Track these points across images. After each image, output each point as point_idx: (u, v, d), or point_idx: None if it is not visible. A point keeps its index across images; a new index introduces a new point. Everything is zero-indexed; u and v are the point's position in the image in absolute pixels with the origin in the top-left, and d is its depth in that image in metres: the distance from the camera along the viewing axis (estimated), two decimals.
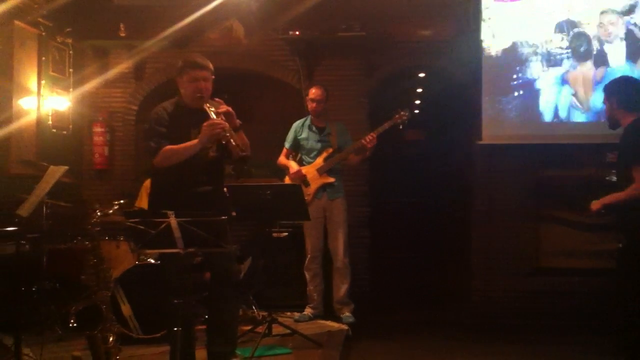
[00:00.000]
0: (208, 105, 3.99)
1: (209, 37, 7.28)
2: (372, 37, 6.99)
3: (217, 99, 4.10)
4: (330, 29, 6.99)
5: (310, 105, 6.15)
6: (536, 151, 6.82)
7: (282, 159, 6.28)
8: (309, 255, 6.06)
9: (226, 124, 3.88)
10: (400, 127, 5.99)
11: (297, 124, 6.28)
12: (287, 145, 6.29)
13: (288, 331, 5.26)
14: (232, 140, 3.87)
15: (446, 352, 5.66)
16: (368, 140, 5.82)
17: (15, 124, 6.01)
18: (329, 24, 7.01)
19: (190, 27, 6.93)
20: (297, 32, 7.00)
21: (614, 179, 4.62)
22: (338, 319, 5.97)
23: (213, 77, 4.13)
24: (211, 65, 4.11)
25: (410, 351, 5.68)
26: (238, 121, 4.07)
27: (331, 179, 6.01)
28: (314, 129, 6.16)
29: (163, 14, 7.01)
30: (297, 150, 6.28)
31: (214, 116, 3.91)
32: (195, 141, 3.92)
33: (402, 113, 5.94)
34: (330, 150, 6.05)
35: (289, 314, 6.11)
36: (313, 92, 6.13)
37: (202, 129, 3.87)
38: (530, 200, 6.94)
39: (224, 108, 3.99)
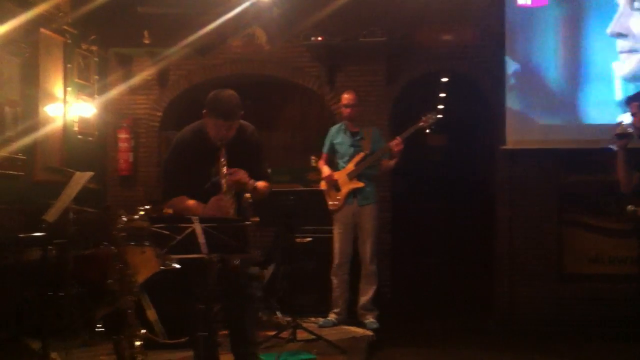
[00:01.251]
0: (224, 158, 3.85)
1: (232, 45, 7.34)
2: (394, 43, 6.99)
3: (234, 171, 3.87)
4: (352, 35, 7.00)
5: (345, 111, 6.16)
6: (560, 156, 6.77)
7: (320, 163, 6.34)
8: (336, 261, 6.05)
9: (230, 207, 3.83)
10: (427, 130, 5.98)
11: (333, 129, 6.31)
12: (323, 150, 6.33)
13: (312, 337, 5.25)
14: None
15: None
16: (394, 144, 5.82)
17: (42, 131, 6.08)
18: (350, 30, 7.02)
19: (213, 34, 6.98)
20: (319, 38, 7.02)
21: (616, 148, 4.63)
22: (362, 325, 5.96)
23: (240, 120, 3.95)
24: (240, 110, 3.88)
25: (434, 358, 5.65)
26: (251, 183, 3.95)
27: (360, 184, 6.00)
28: (347, 133, 6.17)
29: (186, 22, 7.06)
30: (333, 154, 6.29)
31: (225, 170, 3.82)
32: (200, 208, 3.86)
33: (428, 115, 5.95)
34: (362, 155, 6.05)
35: (312, 319, 6.10)
36: (346, 98, 6.15)
37: (210, 202, 3.82)
38: (554, 205, 6.88)
39: (236, 177, 3.87)
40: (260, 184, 4.03)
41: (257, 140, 4.18)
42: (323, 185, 6.13)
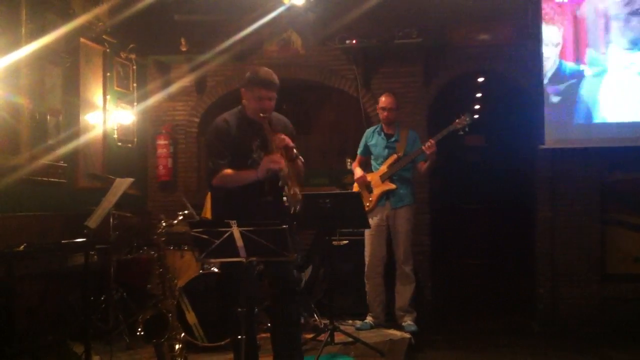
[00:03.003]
0: (268, 128, 3.99)
1: (268, 49, 7.39)
2: (430, 43, 6.93)
3: (278, 134, 4.01)
4: (387, 37, 6.95)
5: (382, 114, 6.10)
6: (603, 154, 6.65)
7: (353, 165, 6.33)
8: (367, 263, 6.03)
9: (283, 165, 3.89)
10: (461, 132, 5.91)
11: (368, 131, 6.29)
12: (358, 152, 6.33)
13: (350, 339, 5.25)
14: (287, 185, 3.92)
15: None
16: (427, 146, 5.76)
17: (83, 139, 6.19)
18: (385, 32, 6.98)
19: (249, 40, 7.05)
20: (354, 41, 7.00)
21: None
22: (400, 327, 5.93)
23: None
24: (278, 82, 4.09)
25: None
26: (295, 152, 4.08)
27: (392, 186, 5.96)
28: (382, 135, 6.14)
29: (222, 28, 7.14)
30: (368, 156, 6.27)
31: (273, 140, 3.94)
32: (252, 172, 3.94)
33: (462, 117, 5.86)
34: (395, 157, 6.01)
35: (350, 322, 6.11)
36: (383, 101, 6.09)
37: (262, 162, 3.90)
38: (597, 204, 6.76)
39: (283, 142, 3.98)
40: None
41: (292, 129, 4.31)
42: (356, 187, 6.12)
